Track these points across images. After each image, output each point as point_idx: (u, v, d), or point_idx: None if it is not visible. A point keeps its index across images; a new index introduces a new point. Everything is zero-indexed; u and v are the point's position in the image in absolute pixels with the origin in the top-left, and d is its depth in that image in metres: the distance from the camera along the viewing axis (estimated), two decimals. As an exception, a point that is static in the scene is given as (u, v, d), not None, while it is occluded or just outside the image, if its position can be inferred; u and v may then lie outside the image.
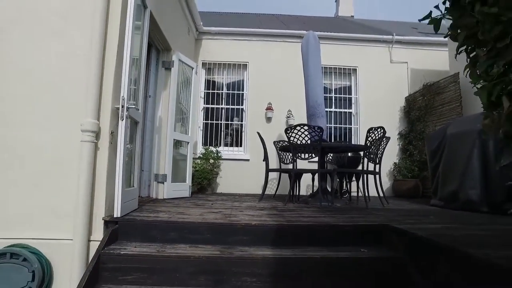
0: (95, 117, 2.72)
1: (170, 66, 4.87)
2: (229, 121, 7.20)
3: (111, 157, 2.81)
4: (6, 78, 2.84)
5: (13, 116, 2.80)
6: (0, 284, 2.46)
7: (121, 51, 2.95)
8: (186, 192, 5.10)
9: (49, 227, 2.68)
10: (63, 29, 2.91)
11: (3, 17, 2.91)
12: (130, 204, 3.09)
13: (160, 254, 2.39)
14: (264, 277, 2.30)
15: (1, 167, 2.74)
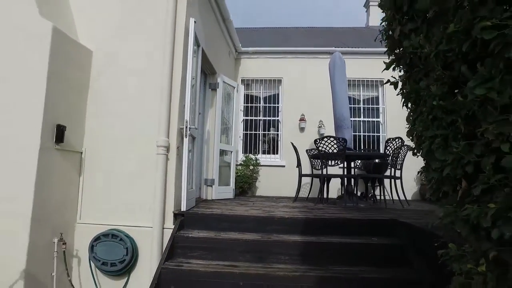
0: (166, 135, 3.65)
1: (216, 87, 5.78)
2: (266, 131, 8.02)
3: (178, 165, 3.73)
4: (103, 108, 3.87)
5: (109, 137, 3.81)
6: (107, 254, 3.45)
7: (183, 84, 3.87)
8: (230, 194, 5.97)
9: (136, 218, 3.63)
10: (142, 69, 3.89)
11: (102, 61, 3.95)
12: (191, 202, 3.99)
13: (216, 237, 3.25)
14: (294, 255, 3.07)
15: (104, 175, 3.76)
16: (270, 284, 2.77)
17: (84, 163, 3.87)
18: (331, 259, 3.03)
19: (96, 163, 3.88)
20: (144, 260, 3.57)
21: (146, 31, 3.97)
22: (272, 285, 2.76)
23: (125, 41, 4.01)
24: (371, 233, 3.37)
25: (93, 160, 3.89)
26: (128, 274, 3.62)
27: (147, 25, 3.98)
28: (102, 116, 3.91)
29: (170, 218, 3.63)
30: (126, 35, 4.02)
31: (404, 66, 1.71)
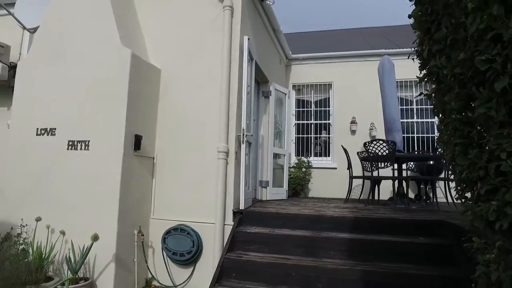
0: (225, 142, 4.12)
1: (268, 95, 6.18)
2: (317, 134, 8.25)
3: (236, 169, 4.18)
4: (171, 118, 4.46)
5: (176, 144, 4.38)
6: (176, 245, 4.01)
7: (240, 96, 4.32)
8: (284, 195, 6.32)
9: (200, 215, 4.14)
10: (203, 84, 4.41)
11: (169, 78, 4.56)
12: (248, 201, 4.42)
13: (271, 233, 3.62)
14: (342, 251, 3.34)
15: (172, 177, 4.34)
16: (319, 275, 3.07)
17: (155, 167, 4.49)
18: (377, 256, 3.25)
19: (165, 167, 4.47)
20: (208, 252, 4.06)
21: (205, 50, 4.49)
22: (321, 276, 3.06)
23: (188, 59, 4.57)
24: (418, 233, 3.51)
25: (162, 164, 4.49)
26: (194, 264, 4.13)
27: (206, 45, 4.50)
28: (170, 126, 4.50)
29: (230, 215, 4.08)
30: (188, 54, 4.58)
31: (433, 82, 1.94)
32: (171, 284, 4.15)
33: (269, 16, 6.00)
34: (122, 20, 4.39)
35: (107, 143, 3.91)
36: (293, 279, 3.13)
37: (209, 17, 4.56)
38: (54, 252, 3.84)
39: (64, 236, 3.92)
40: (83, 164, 3.99)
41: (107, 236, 3.70)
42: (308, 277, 3.11)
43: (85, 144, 4.02)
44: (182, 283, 4.13)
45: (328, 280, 3.06)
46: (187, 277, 4.13)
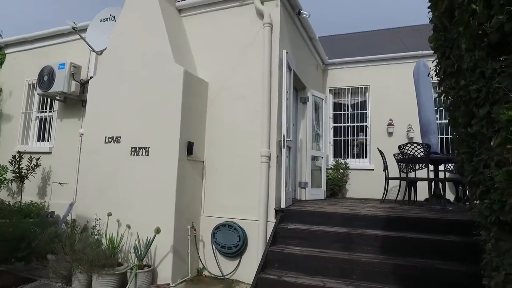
0: (267, 147, 4.57)
1: (306, 101, 6.55)
2: (354, 137, 8.47)
3: (277, 171, 4.61)
4: (218, 126, 4.99)
5: (223, 149, 4.90)
6: (224, 239, 4.52)
7: (280, 104, 4.75)
8: (322, 196, 6.65)
9: (245, 213, 4.62)
10: (246, 95, 4.89)
11: (215, 90, 5.10)
12: (288, 201, 4.84)
13: (310, 229, 4.02)
14: (375, 246, 3.66)
15: (219, 179, 4.87)
16: (354, 268, 3.42)
17: (205, 170, 5.04)
18: (408, 252, 3.53)
19: (214, 169, 5.01)
20: (252, 246, 4.52)
21: (248, 63, 4.97)
22: (355, 268, 3.41)
23: (232, 72, 5.08)
24: (450, 231, 3.73)
25: (211, 167, 5.03)
26: (240, 256, 4.62)
27: (248, 59, 4.97)
28: (217, 133, 5.03)
29: (272, 213, 4.52)
30: (233, 68, 5.08)
31: (447, 98, 2.25)
32: (220, 273, 4.66)
33: (305, 27, 6.37)
34: (175, 40, 5.00)
35: (164, 149, 4.51)
36: (330, 270, 3.50)
37: (251, 34, 5.04)
38: (122, 243, 4.51)
39: (129, 229, 4.56)
40: (144, 168, 4.63)
41: (166, 230, 4.28)
42: (344, 269, 3.46)
43: (146, 150, 4.65)
44: (229, 273, 4.63)
45: (362, 272, 3.40)
46: (234, 268, 4.62)
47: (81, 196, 5.16)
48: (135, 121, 4.79)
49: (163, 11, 5.08)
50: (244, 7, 5.19)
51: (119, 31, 5.30)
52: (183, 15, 5.66)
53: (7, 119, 7.59)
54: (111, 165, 4.86)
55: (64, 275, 4.39)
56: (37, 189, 6.79)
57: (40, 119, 7.43)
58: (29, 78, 7.34)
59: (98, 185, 4.91)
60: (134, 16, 5.22)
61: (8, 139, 7.47)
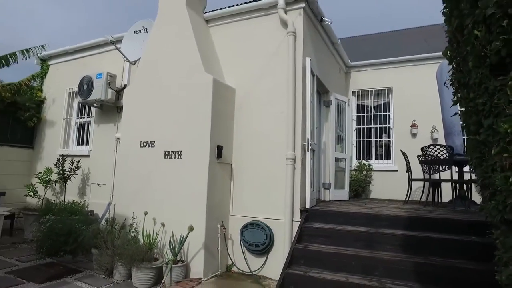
0: (292, 150, 4.81)
1: (329, 104, 6.73)
2: (378, 138, 8.55)
3: (302, 173, 4.84)
4: (245, 131, 5.28)
5: (250, 152, 5.19)
6: (252, 238, 4.80)
7: (304, 108, 4.98)
8: (345, 196, 6.81)
9: (271, 212, 4.88)
10: (271, 100, 5.15)
11: (242, 96, 5.39)
12: (313, 201, 5.06)
13: (333, 228, 4.23)
14: (397, 245, 3.82)
15: (247, 180, 5.15)
16: (376, 265, 3.60)
17: (233, 172, 5.34)
18: (429, 251, 3.68)
19: (241, 171, 5.30)
20: (278, 244, 4.77)
21: (272, 70, 5.23)
22: (378, 265, 3.60)
23: (257, 79, 5.35)
24: (471, 232, 3.84)
25: (239, 169, 5.33)
26: (267, 254, 4.88)
27: (273, 66, 5.23)
28: (244, 137, 5.32)
29: (297, 213, 4.76)
30: (258, 75, 5.36)
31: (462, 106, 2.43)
32: (248, 270, 4.94)
33: (328, 33, 6.56)
34: (203, 50, 5.33)
35: (196, 153, 4.84)
36: (353, 267, 3.70)
37: (275, 42, 5.30)
38: (157, 239, 4.87)
39: (164, 227, 4.92)
40: (177, 170, 4.98)
41: (197, 228, 4.59)
42: (366, 266, 3.66)
43: (178, 153, 5.00)
44: (257, 269, 4.90)
45: (384, 269, 3.58)
46: (261, 265, 4.89)
47: (118, 196, 5.60)
48: (168, 127, 5.16)
49: (193, 23, 5.42)
50: (269, 16, 5.45)
51: (152, 43, 5.70)
52: (210, 25, 5.99)
53: (50, 125, 8.21)
54: (146, 167, 5.25)
55: (107, 267, 4.81)
56: (77, 189, 7.32)
57: (79, 124, 7.99)
58: (69, 86, 7.92)
59: (135, 186, 5.30)
60: (166, 28, 5.60)
61: (52, 143, 8.08)
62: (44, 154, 8.20)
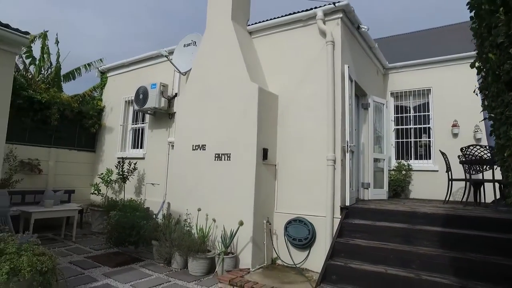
0: (333, 152, 5.16)
1: (367, 106, 6.97)
2: (417, 139, 8.61)
3: (342, 173, 5.18)
4: (287, 134, 5.71)
5: (293, 154, 5.61)
6: (295, 233, 5.22)
7: (343, 113, 5.32)
8: (384, 196, 7.02)
9: (313, 209, 5.27)
10: (312, 105, 5.53)
11: (284, 102, 5.83)
12: (352, 199, 5.38)
13: (372, 225, 4.54)
14: (433, 241, 4.07)
15: (290, 180, 5.58)
16: (413, 258, 3.88)
17: (277, 172, 5.79)
18: (466, 247, 3.89)
19: (285, 172, 5.73)
20: (320, 239, 5.14)
21: (313, 77, 5.61)
22: (415, 259, 3.87)
23: (299, 86, 5.76)
24: (510, 231, 3.98)
25: (282, 170, 5.76)
26: (309, 248, 5.26)
27: (313, 73, 5.61)
28: (287, 139, 5.75)
29: (338, 210, 5.11)
30: (299, 83, 5.76)
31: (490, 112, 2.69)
32: (291, 262, 5.35)
33: (365, 38, 6.81)
34: (248, 61, 5.82)
35: (244, 155, 5.34)
36: (391, 260, 4.00)
37: (315, 50, 5.68)
38: (209, 233, 5.42)
39: (215, 223, 5.46)
40: (226, 171, 5.51)
41: (245, 223, 5.08)
42: (404, 259, 3.94)
43: (227, 156, 5.53)
44: (299, 262, 5.29)
45: (421, 263, 3.85)
46: (304, 258, 5.28)
47: (171, 195, 6.25)
48: (218, 131, 5.71)
49: (238, 36, 5.94)
50: (308, 27, 5.84)
51: (201, 55, 6.29)
52: (253, 37, 6.49)
53: (109, 131, 9.13)
54: (198, 169, 5.83)
55: (166, 257, 5.44)
56: (134, 188, 8.12)
57: (134, 130, 8.83)
58: (125, 96, 8.78)
59: (188, 185, 5.91)
60: (214, 41, 6.17)
61: (110, 147, 8.99)
62: (104, 157, 9.14)
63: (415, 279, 3.60)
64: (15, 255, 3.10)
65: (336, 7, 5.50)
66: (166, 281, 4.73)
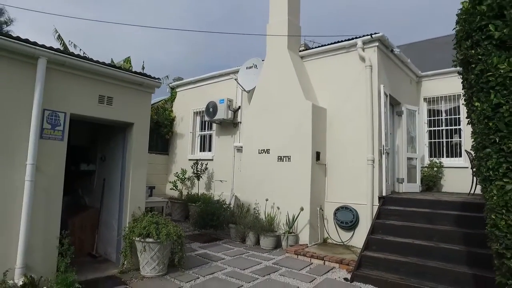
0: (371, 153, 6.57)
1: (401, 114, 8.24)
2: (449, 139, 9.69)
3: (379, 170, 6.59)
4: (334, 139, 7.19)
5: (339, 155, 7.08)
6: (343, 217, 6.70)
7: (379, 123, 6.71)
8: (416, 189, 8.25)
9: (356, 199, 6.71)
10: (354, 116, 6.96)
11: (331, 113, 7.31)
12: (388, 191, 6.77)
13: (403, 209, 5.92)
14: (452, 222, 5.38)
15: (337, 176, 7.06)
16: (435, 233, 5.22)
17: (327, 170, 7.28)
18: (478, 226, 5.13)
19: (333, 169, 7.21)
20: (362, 222, 6.57)
21: (354, 95, 7.03)
22: (436, 234, 5.21)
23: (342, 101, 7.20)
24: None
25: (331, 168, 7.24)
26: (354, 229, 6.71)
27: (354, 92, 7.03)
28: (334, 144, 7.22)
29: (376, 199, 6.51)
30: (343, 98, 7.20)
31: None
32: (339, 240, 6.82)
33: (399, 57, 8.09)
34: (302, 81, 7.35)
35: (301, 157, 6.89)
36: (417, 235, 5.36)
37: (355, 72, 7.09)
38: (275, 218, 7.03)
39: (279, 210, 7.06)
40: (287, 170, 7.09)
41: (304, 210, 6.64)
42: (427, 234, 5.29)
43: (288, 158, 7.11)
44: (346, 240, 6.75)
45: (440, 236, 5.18)
46: (349, 237, 6.73)
47: (241, 189, 7.94)
48: (279, 138, 7.30)
49: (293, 61, 7.49)
50: (350, 53, 7.26)
51: (263, 77, 7.92)
52: (304, 60, 8.00)
53: (180, 137, 11.04)
54: (264, 168, 7.46)
55: (241, 236, 7.12)
56: (204, 184, 9.93)
57: (201, 136, 10.66)
58: (193, 108, 10.63)
59: (255, 181, 7.56)
60: (273, 65, 7.77)
61: (181, 150, 10.89)
62: (176, 159, 11.06)
63: (434, 247, 4.97)
64: (165, 225, 4.87)
65: (373, 38, 6.88)
66: (245, 252, 6.39)
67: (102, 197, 5.94)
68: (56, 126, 4.41)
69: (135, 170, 5.27)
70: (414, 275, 4.70)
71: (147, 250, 4.73)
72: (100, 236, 5.88)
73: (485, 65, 2.92)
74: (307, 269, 5.45)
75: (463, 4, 3.23)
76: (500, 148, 2.83)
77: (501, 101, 2.80)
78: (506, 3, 2.80)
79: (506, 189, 2.75)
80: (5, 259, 3.82)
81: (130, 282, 4.62)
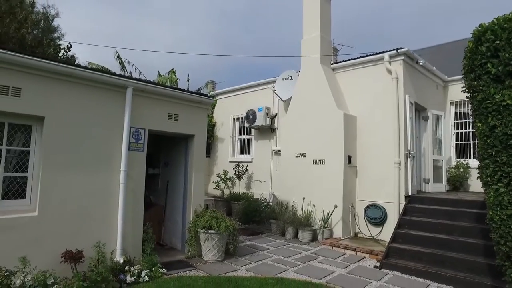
0: (398, 157, 7.34)
1: (427, 119, 8.88)
2: (475, 141, 10.16)
3: (405, 172, 7.34)
4: (364, 144, 8.01)
5: (368, 159, 7.90)
6: (372, 214, 7.52)
7: (405, 129, 7.45)
8: (442, 189, 8.88)
9: (384, 198, 7.50)
10: (382, 123, 7.74)
11: (360, 120, 8.12)
12: (414, 191, 7.52)
13: (427, 207, 6.67)
14: (471, 218, 6.09)
15: (367, 177, 7.88)
16: (456, 229, 5.95)
17: (357, 172, 8.11)
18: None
19: (363, 171, 8.03)
20: (390, 218, 7.36)
21: (382, 104, 7.80)
22: (457, 229, 5.94)
23: (370, 111, 7.99)
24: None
25: (361, 170, 8.06)
26: (382, 225, 7.51)
27: (382, 101, 7.80)
28: (364, 148, 8.03)
29: (403, 198, 7.27)
30: (372, 106, 7.99)
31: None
32: (369, 235, 7.64)
33: (424, 66, 8.74)
34: (334, 92, 8.21)
35: (335, 160, 7.77)
36: (439, 230, 6.11)
37: (383, 83, 7.86)
38: (311, 215, 7.95)
39: (314, 207, 7.98)
40: (321, 172, 7.99)
41: (337, 207, 7.52)
42: (448, 229, 6.03)
43: (322, 161, 8.01)
44: (375, 235, 7.56)
45: (460, 231, 5.91)
46: (378, 232, 7.54)
47: (279, 189, 8.92)
48: (314, 143, 8.20)
49: (325, 74, 8.36)
50: (378, 65, 8.03)
51: (298, 88, 8.85)
52: (335, 72, 8.84)
53: (220, 141, 12.17)
54: (301, 170, 8.40)
55: (281, 230, 8.10)
56: (245, 184, 10.99)
57: (240, 140, 11.73)
58: (233, 114, 11.71)
59: (292, 181, 8.52)
60: (308, 78, 8.67)
61: (222, 153, 12.02)
62: (217, 161, 12.20)
63: (453, 240, 5.73)
64: (222, 219, 5.94)
65: (399, 53, 7.63)
66: (286, 244, 7.37)
67: (166, 196, 7.12)
68: (139, 140, 5.58)
69: (196, 174, 6.39)
70: (435, 263, 5.50)
71: (209, 239, 5.82)
72: (165, 228, 7.07)
73: (484, 94, 3.72)
74: (341, 258, 6.36)
75: (468, 44, 4.01)
76: (495, 160, 3.63)
77: (496, 123, 3.60)
78: (500, 46, 3.59)
79: (500, 191, 3.55)
80: (110, 242, 5.02)
81: (196, 265, 5.72)
